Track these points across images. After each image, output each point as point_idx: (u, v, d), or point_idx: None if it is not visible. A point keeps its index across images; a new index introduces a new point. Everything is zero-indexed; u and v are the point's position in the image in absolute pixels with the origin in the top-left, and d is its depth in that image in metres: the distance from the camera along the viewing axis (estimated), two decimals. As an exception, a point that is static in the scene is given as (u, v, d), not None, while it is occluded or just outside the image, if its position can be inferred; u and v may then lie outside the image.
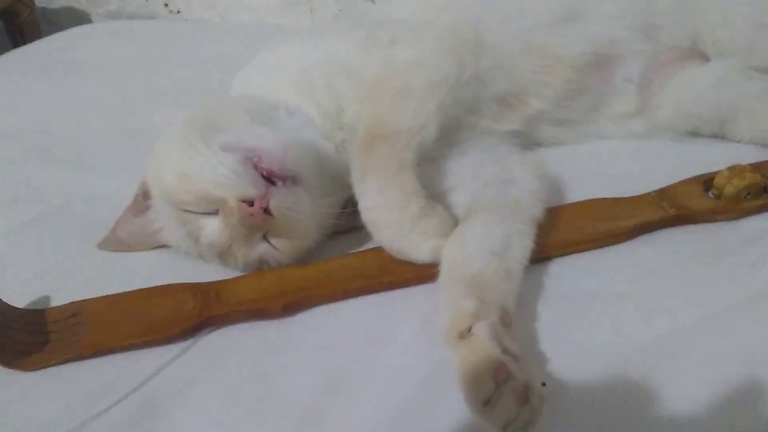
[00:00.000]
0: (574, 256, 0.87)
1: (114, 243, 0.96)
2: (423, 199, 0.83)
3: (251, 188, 0.81)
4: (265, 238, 0.86)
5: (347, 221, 0.92)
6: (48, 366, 0.79)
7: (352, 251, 0.92)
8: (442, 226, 0.83)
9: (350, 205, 0.90)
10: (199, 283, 0.87)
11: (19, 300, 0.85)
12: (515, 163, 0.94)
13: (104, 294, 0.86)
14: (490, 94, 0.99)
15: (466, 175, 0.93)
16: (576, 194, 0.97)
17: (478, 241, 0.81)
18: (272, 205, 0.81)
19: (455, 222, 0.86)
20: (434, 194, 0.88)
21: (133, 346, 0.81)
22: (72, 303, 0.85)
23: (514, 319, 0.75)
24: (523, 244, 0.82)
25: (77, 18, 2.22)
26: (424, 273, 0.83)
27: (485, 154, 0.95)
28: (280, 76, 0.99)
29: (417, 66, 0.91)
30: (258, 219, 0.81)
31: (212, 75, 1.30)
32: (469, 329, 0.69)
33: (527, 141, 1.05)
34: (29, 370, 0.78)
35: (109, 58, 1.57)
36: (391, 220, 0.83)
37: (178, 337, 0.81)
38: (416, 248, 0.83)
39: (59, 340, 0.81)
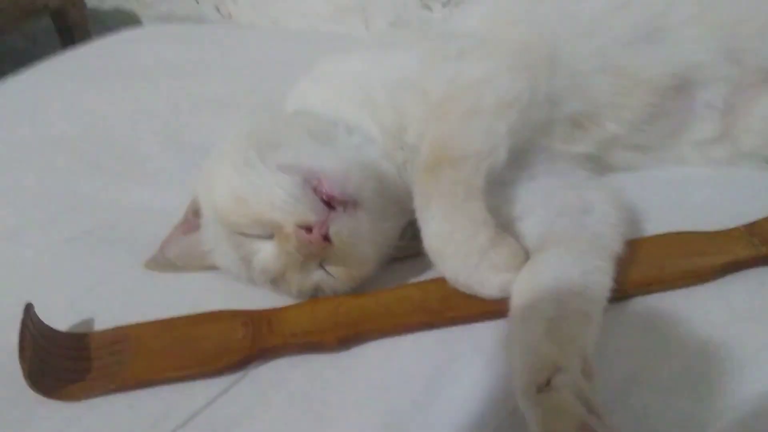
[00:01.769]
0: (655, 295, 0.79)
1: (161, 263, 0.91)
2: (493, 229, 0.77)
3: (310, 214, 0.76)
4: (321, 265, 0.81)
5: (407, 247, 0.86)
6: (89, 397, 0.74)
7: (412, 281, 0.86)
8: (513, 259, 0.77)
9: (410, 230, 0.85)
10: (251, 310, 0.82)
11: (62, 322, 0.82)
12: (591, 191, 0.87)
13: (150, 319, 0.82)
14: (563, 115, 0.92)
15: (537, 202, 0.86)
16: (653, 226, 0.89)
17: (554, 279, 0.74)
18: (332, 232, 0.76)
19: (526, 254, 0.79)
20: (502, 222, 0.82)
21: (179, 378, 0.76)
22: (116, 328, 0.81)
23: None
24: (602, 284, 0.75)
25: (127, 20, 2.21)
26: (492, 309, 0.77)
27: (557, 179, 0.89)
28: (340, 91, 0.94)
29: (487, 84, 0.85)
30: (316, 247, 0.76)
31: (265, 83, 1.25)
32: (548, 382, 0.63)
33: (600, 165, 0.98)
34: (69, 401, 0.74)
35: (160, 62, 1.53)
36: (457, 250, 0.77)
37: (227, 370, 0.76)
38: (484, 282, 0.77)
39: (101, 368, 0.77)
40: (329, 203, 0.77)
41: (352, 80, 0.94)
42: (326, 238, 0.76)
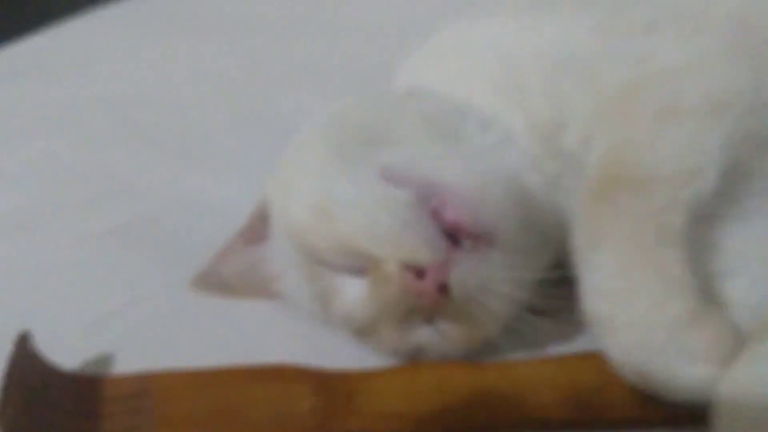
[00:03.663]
0: None
1: (213, 282, 0.68)
2: (694, 296, 0.52)
3: (424, 250, 0.52)
4: (429, 318, 0.57)
5: (549, 298, 0.60)
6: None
7: (552, 351, 0.61)
8: (722, 345, 0.51)
9: (555, 272, 0.61)
10: (326, 372, 0.58)
11: (69, 355, 0.60)
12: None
13: (186, 367, 0.59)
14: None
15: (753, 256, 0.59)
16: None
17: None
18: (453, 281, 0.52)
19: (738, 339, 0.52)
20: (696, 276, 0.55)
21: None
22: (140, 376, 0.59)
23: None
24: None
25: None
26: (679, 416, 0.53)
27: (784, 225, 0.61)
28: (473, 67, 0.68)
29: (693, 72, 0.58)
30: (429, 300, 0.53)
31: (372, 51, 0.99)
32: None
33: None
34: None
35: (238, 16, 1.28)
36: (634, 320, 0.51)
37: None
38: (672, 375, 0.51)
39: (113, 432, 0.55)
40: (453, 235, 0.54)
41: (490, 53, 0.68)
42: (443, 287, 0.52)
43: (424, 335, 0.57)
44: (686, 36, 0.61)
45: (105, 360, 0.62)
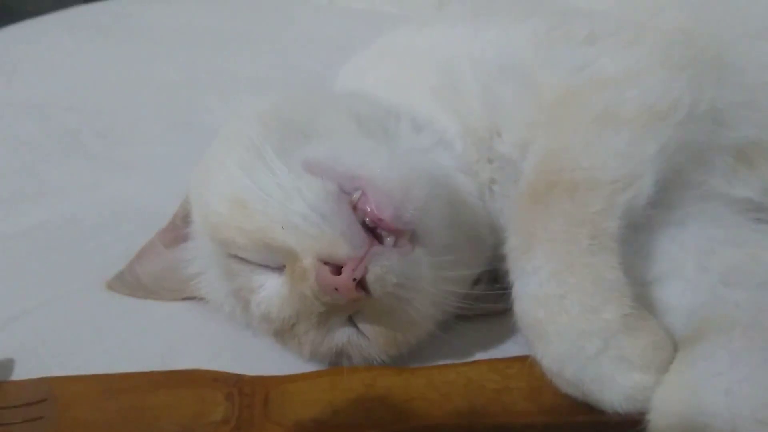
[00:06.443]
0: None
1: (129, 284, 0.65)
2: (629, 302, 0.49)
3: (342, 243, 0.50)
4: (350, 319, 0.55)
5: (481, 301, 0.59)
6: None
7: (482, 356, 0.59)
8: (656, 353, 0.49)
9: (487, 280, 0.60)
10: (241, 378, 0.55)
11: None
12: (769, 252, 0.58)
13: (95, 372, 0.56)
14: (727, 141, 0.63)
15: (689, 261, 0.58)
16: None
17: (728, 397, 0.46)
18: (372, 277, 0.50)
19: (675, 346, 0.51)
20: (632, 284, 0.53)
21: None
22: (41, 382, 0.55)
23: None
24: None
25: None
26: (611, 423, 0.49)
27: (717, 229, 0.60)
28: (412, 71, 0.67)
29: (631, 81, 0.58)
30: (344, 296, 0.50)
31: (313, 64, 0.99)
32: None
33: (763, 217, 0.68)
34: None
35: (178, 28, 1.27)
36: (568, 327, 0.49)
37: (191, 470, 0.50)
38: (606, 384, 0.49)
39: (6, 442, 0.51)
40: (374, 230, 0.51)
41: (429, 59, 0.67)
42: (362, 284, 0.50)
43: (345, 336, 0.55)
44: (625, 46, 0.61)
45: (4, 366, 0.58)
